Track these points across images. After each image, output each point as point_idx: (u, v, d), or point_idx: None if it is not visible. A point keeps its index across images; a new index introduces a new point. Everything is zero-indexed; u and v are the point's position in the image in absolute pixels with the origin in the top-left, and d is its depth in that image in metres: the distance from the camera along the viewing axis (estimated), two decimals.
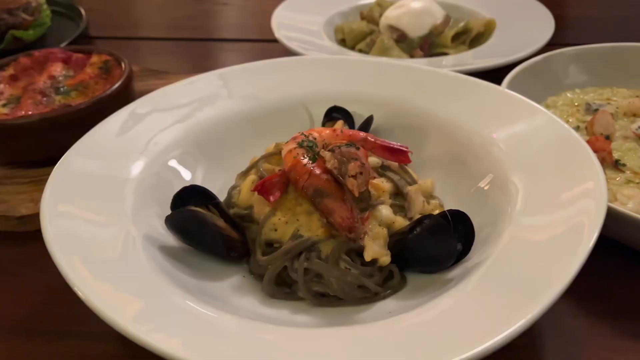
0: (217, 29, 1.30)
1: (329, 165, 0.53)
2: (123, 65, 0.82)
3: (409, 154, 0.61)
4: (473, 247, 0.51)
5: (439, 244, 0.50)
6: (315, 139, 0.59)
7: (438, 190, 0.63)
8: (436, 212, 0.58)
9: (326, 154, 0.53)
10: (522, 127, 0.60)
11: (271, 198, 0.54)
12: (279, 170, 0.57)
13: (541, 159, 0.55)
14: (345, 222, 0.51)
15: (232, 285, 0.53)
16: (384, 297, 0.51)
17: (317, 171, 0.53)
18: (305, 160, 0.55)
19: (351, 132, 0.61)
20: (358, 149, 0.54)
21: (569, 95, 0.82)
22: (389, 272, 0.52)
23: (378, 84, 0.71)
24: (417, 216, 0.56)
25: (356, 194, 0.50)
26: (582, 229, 0.46)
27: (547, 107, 0.79)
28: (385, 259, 0.51)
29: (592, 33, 1.12)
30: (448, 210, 0.53)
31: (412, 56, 0.93)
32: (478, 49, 0.92)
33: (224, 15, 1.38)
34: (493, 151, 0.59)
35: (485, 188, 0.58)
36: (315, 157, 0.55)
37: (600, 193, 0.48)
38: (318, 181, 0.53)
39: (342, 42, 1.03)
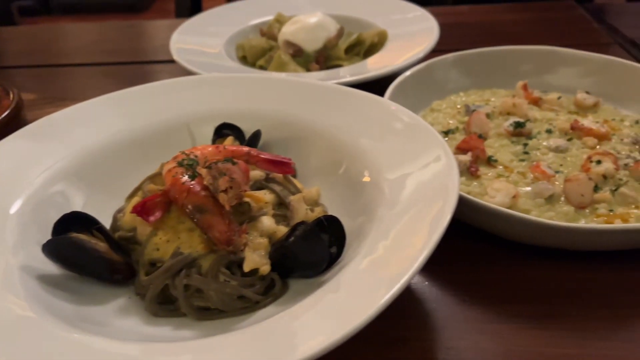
0: (123, 51, 1.30)
1: (205, 182, 0.54)
2: (11, 95, 0.80)
3: (292, 165, 0.64)
4: (346, 249, 0.54)
5: (311, 249, 0.52)
6: (196, 157, 0.60)
7: (324, 197, 0.66)
8: None
9: (203, 171, 0.55)
10: (390, 129, 0.64)
11: (151, 218, 0.55)
12: (160, 190, 0.58)
13: (405, 157, 0.59)
14: (223, 236, 0.52)
15: (116, 307, 0.54)
16: (265, 305, 0.53)
17: (196, 188, 0.55)
18: (184, 179, 0.56)
19: (234, 147, 0.63)
20: (234, 164, 0.56)
21: (452, 98, 0.87)
22: (271, 280, 0.54)
23: (266, 99, 0.73)
24: None
25: (227, 208, 0.52)
26: (439, 219, 0.49)
27: (432, 110, 0.84)
28: (265, 268, 0.53)
29: (474, 38, 1.19)
30: (323, 216, 0.55)
31: (308, 70, 0.97)
32: (370, 60, 0.96)
33: (128, 37, 1.38)
34: (367, 153, 0.63)
35: (363, 185, 0.62)
36: (195, 175, 0.56)
37: (453, 188, 0.52)
38: (196, 198, 0.54)
39: (244, 59, 1.05)
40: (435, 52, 0.92)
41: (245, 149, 0.63)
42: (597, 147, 0.72)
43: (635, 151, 0.72)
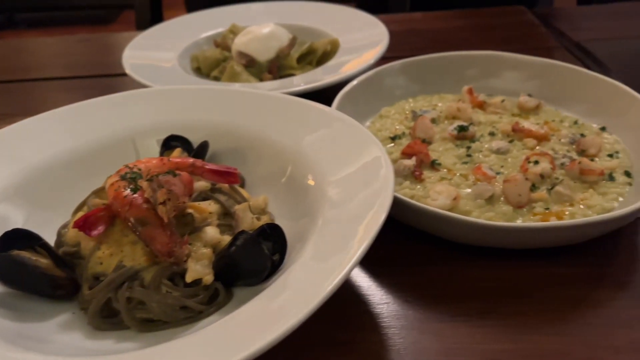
0: (83, 65, 1.29)
1: (146, 195, 0.55)
2: None
3: (238, 175, 0.65)
4: (288, 253, 0.56)
5: (252, 257, 0.53)
6: (140, 170, 0.61)
7: (273, 203, 0.67)
8: None
9: (144, 184, 0.56)
10: (332, 135, 0.66)
11: (93, 233, 0.55)
12: (104, 204, 0.58)
13: (345, 161, 0.61)
14: (165, 247, 0.53)
15: (59, 323, 0.54)
16: (209, 314, 0.53)
17: (137, 201, 0.55)
18: (127, 192, 0.56)
19: (178, 159, 0.64)
20: (175, 175, 0.57)
21: (401, 104, 0.89)
22: (215, 289, 0.55)
23: (214, 110, 0.74)
24: None
25: (166, 220, 0.53)
26: (374, 220, 0.51)
27: (381, 117, 0.86)
28: (208, 277, 0.54)
29: (427, 44, 1.22)
30: (266, 224, 0.56)
31: (261, 79, 0.98)
32: (321, 68, 0.98)
33: (89, 50, 1.38)
34: (310, 159, 0.64)
35: (307, 188, 0.63)
36: (137, 188, 0.57)
37: (387, 189, 0.54)
38: (138, 211, 0.55)
39: (198, 71, 1.06)
40: (388, 58, 0.94)
41: (190, 160, 0.64)
42: (537, 147, 0.75)
43: (572, 151, 0.74)
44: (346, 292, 0.61)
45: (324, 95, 0.82)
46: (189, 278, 0.53)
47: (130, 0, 2.00)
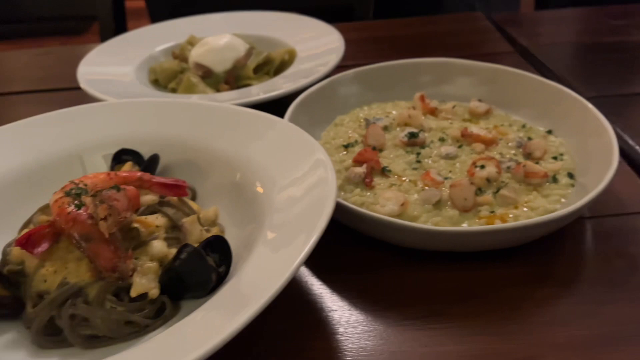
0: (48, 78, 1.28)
1: (89, 211, 0.55)
2: None
3: (187, 187, 0.65)
4: (234, 263, 0.56)
5: (196, 270, 0.54)
6: (86, 185, 0.60)
7: (224, 213, 0.67)
8: None
9: (87, 200, 0.56)
10: (279, 144, 0.67)
11: (36, 250, 0.55)
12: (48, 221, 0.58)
13: (291, 169, 0.63)
14: (108, 263, 0.53)
15: (4, 342, 0.54)
16: (155, 328, 0.53)
17: (81, 217, 0.55)
18: (71, 208, 0.56)
19: (125, 173, 0.64)
20: (119, 190, 0.57)
21: (356, 112, 0.90)
22: (162, 303, 0.55)
23: (165, 123, 0.74)
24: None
25: (106, 235, 0.53)
26: (316, 225, 0.52)
27: (336, 125, 0.87)
28: (154, 291, 0.54)
29: (386, 52, 1.24)
30: (212, 236, 0.57)
31: (218, 90, 0.98)
32: (278, 78, 0.99)
33: (40, 65, 1.36)
34: (259, 167, 0.65)
35: (256, 196, 0.64)
36: (82, 204, 0.57)
37: (330, 196, 0.55)
38: (82, 227, 0.55)
39: (156, 83, 1.06)
40: (347, 66, 0.95)
41: (138, 174, 0.64)
42: (485, 152, 0.77)
43: (519, 154, 0.76)
44: (295, 300, 0.61)
45: (280, 104, 0.83)
46: (133, 292, 0.53)
47: (94, 11, 1.98)
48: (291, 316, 0.60)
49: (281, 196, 0.60)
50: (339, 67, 1.00)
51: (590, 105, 0.77)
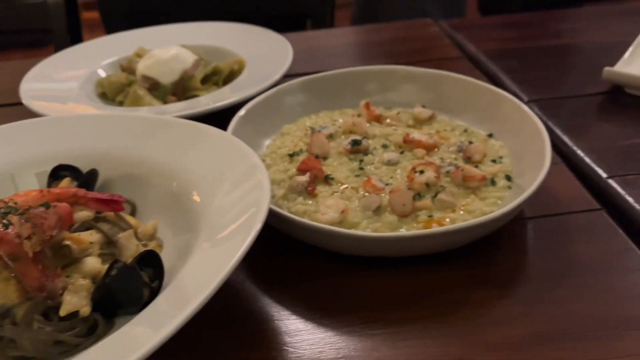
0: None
1: (16, 229, 0.54)
2: None
3: (123, 202, 0.64)
4: (167, 278, 0.56)
5: (127, 286, 0.53)
6: (16, 203, 0.59)
7: (164, 226, 0.67)
8: None
9: (14, 219, 0.54)
10: (217, 154, 0.68)
11: None
12: None
13: (228, 178, 0.63)
14: (35, 282, 0.52)
15: None
16: (87, 347, 0.52)
17: (8, 237, 0.54)
18: None
19: (59, 190, 0.63)
20: (49, 207, 0.56)
21: (303, 121, 0.91)
22: (95, 320, 0.54)
23: (104, 137, 0.74)
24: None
25: (30, 254, 0.52)
26: (247, 235, 0.52)
27: (282, 134, 0.87)
28: (85, 309, 0.53)
29: (337, 60, 1.25)
30: (144, 251, 0.56)
31: (165, 102, 0.98)
32: (226, 88, 0.99)
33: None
34: (197, 177, 0.66)
35: (193, 206, 0.64)
36: (10, 223, 0.55)
37: (263, 204, 0.56)
38: (9, 246, 0.53)
39: (104, 96, 1.04)
40: (298, 75, 0.96)
41: (72, 190, 0.63)
42: (427, 157, 0.78)
43: (460, 158, 0.78)
44: (233, 311, 0.61)
45: (230, 114, 0.83)
46: (62, 311, 0.52)
47: (48, 24, 1.95)
48: (229, 327, 0.59)
49: (216, 204, 0.60)
50: (288, 76, 1.01)
51: (526, 109, 0.79)
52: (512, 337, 0.57)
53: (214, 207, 0.60)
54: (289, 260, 0.67)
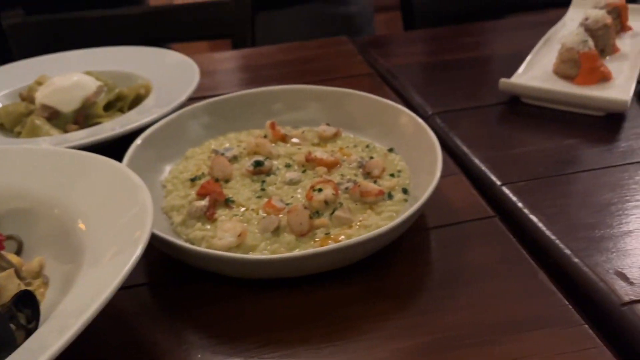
0: None
1: None
2: None
3: (2, 241, 0.61)
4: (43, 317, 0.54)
5: None
6: None
7: (53, 263, 0.64)
8: (38, 291, 0.59)
9: None
10: (104, 184, 0.66)
11: None
12: None
13: (114, 208, 0.62)
14: None
15: None
16: None
17: None
18: None
19: None
20: None
21: (209, 144, 0.90)
22: None
23: None
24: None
25: None
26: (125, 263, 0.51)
27: (186, 158, 0.86)
28: None
29: (251, 80, 1.25)
30: (21, 291, 0.54)
31: (66, 131, 0.94)
32: (130, 114, 0.97)
33: None
34: (84, 207, 0.64)
35: (80, 236, 0.62)
36: None
37: (144, 233, 0.55)
38: None
39: (2, 127, 1.00)
40: (208, 97, 0.95)
41: None
42: (328, 174, 0.79)
43: (360, 174, 0.79)
44: (127, 343, 0.59)
45: (130, 141, 0.81)
46: None
47: None
48: None
49: (101, 231, 0.59)
50: (195, 99, 1.00)
51: (422, 122, 0.82)
52: (404, 350, 0.58)
53: (98, 234, 0.59)
54: (184, 288, 0.66)
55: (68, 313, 0.50)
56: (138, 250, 0.53)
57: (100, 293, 0.48)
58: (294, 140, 0.89)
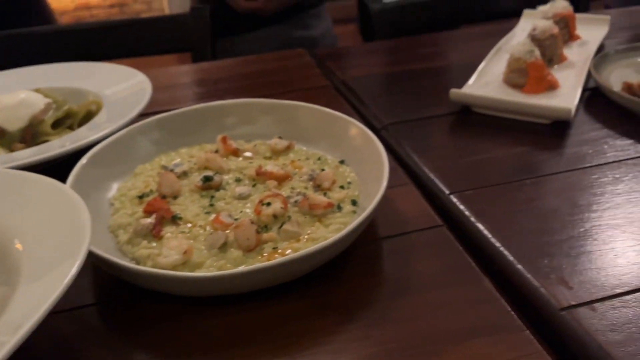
0: None
1: None
2: None
3: None
4: None
5: None
6: None
7: None
8: None
9: None
10: (44, 203, 0.65)
11: None
12: None
13: (51, 228, 0.61)
14: None
15: None
16: None
17: None
18: None
19: None
20: None
21: (159, 159, 0.89)
22: None
23: None
24: None
25: None
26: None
27: (135, 175, 0.85)
28: None
29: (208, 94, 1.25)
30: None
31: (12, 150, 0.92)
32: (79, 131, 0.95)
33: None
34: (22, 228, 0.63)
35: (18, 257, 0.61)
36: None
37: (79, 254, 0.54)
38: None
39: None
40: (161, 112, 0.94)
41: None
42: (278, 188, 0.79)
43: (310, 187, 0.79)
44: None
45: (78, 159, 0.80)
46: None
47: None
48: None
49: (38, 250, 0.59)
50: (147, 114, 0.98)
51: (370, 134, 0.82)
52: None
53: (35, 254, 0.58)
54: (133, 307, 0.65)
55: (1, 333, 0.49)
56: (74, 269, 0.52)
57: (33, 313, 0.47)
58: (246, 154, 0.89)
